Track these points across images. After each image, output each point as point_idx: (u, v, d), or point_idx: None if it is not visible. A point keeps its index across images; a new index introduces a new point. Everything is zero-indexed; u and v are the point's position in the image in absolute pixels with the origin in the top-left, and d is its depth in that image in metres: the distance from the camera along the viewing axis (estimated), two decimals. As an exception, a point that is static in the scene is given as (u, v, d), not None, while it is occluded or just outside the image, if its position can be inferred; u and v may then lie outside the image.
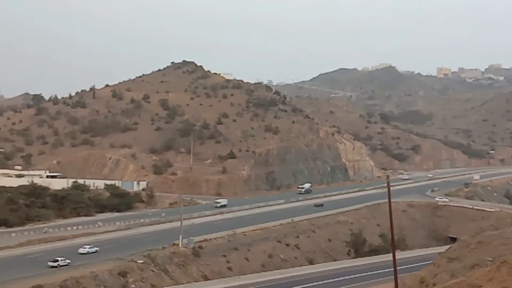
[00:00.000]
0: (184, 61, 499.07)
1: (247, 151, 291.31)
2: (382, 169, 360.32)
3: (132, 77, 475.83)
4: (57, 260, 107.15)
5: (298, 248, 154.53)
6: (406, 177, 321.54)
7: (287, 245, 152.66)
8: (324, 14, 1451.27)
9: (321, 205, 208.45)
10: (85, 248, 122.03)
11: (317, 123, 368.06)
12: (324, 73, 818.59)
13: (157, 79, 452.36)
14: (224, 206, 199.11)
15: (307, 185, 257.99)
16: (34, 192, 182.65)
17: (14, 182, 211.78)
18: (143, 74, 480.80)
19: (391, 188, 57.68)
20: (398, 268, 53.58)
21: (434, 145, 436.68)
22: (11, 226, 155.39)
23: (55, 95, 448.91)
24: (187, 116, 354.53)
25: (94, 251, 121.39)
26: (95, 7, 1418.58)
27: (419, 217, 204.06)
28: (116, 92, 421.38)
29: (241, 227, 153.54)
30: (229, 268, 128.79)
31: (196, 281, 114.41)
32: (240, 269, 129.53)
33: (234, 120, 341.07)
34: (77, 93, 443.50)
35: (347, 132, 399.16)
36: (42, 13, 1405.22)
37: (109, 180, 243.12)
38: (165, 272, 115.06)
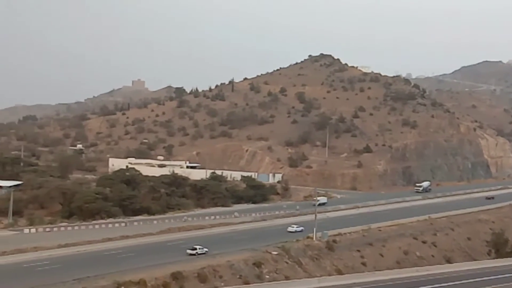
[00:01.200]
0: (321, 54, 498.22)
1: (384, 145, 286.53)
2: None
3: (270, 71, 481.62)
4: (196, 248, 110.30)
5: (435, 245, 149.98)
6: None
7: (424, 242, 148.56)
8: (467, 5, 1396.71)
9: (492, 198, 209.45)
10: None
11: (457, 118, 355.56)
12: (467, 66, 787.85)
13: (294, 72, 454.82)
14: (323, 204, 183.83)
15: (425, 183, 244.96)
16: (175, 181, 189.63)
17: (156, 172, 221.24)
18: (280, 68, 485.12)
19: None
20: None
21: None
22: (153, 214, 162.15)
23: (196, 88, 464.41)
24: (323, 109, 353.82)
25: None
26: (231, 5, 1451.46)
27: None
28: (254, 85, 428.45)
29: (376, 222, 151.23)
30: (363, 264, 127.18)
31: (329, 275, 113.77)
32: (375, 265, 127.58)
33: (371, 114, 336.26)
34: (216, 86, 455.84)
35: (489, 127, 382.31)
36: (181, 10, 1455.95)
37: (246, 171, 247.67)
38: (298, 264, 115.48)
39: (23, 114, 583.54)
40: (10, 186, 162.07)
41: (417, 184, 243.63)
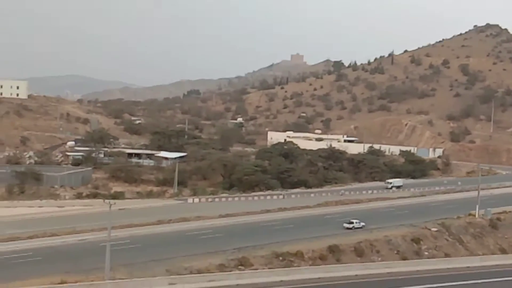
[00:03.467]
0: (487, 24, 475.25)
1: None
2: None
3: (432, 42, 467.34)
4: (352, 222, 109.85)
5: None
6: None
7: None
8: None
9: None
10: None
11: None
12: None
13: (458, 43, 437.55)
14: (398, 187, 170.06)
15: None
16: (332, 155, 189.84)
17: (313, 145, 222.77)
18: (443, 39, 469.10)
19: None
20: None
21: None
22: (310, 187, 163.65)
23: (355, 62, 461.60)
24: (488, 82, 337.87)
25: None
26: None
27: None
28: (414, 57, 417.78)
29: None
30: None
31: (492, 254, 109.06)
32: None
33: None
34: (375, 59, 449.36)
35: None
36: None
37: (404, 146, 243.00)
38: (459, 242, 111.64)
39: (187, 89, 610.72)
40: (175, 158, 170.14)
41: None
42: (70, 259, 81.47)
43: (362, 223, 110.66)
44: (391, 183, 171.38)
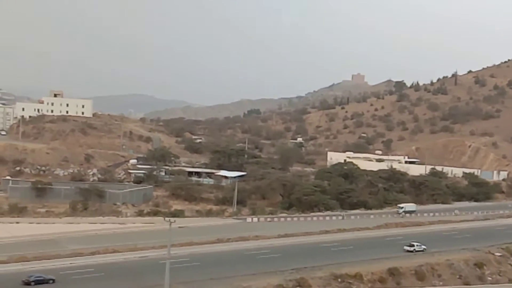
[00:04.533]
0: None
1: None
2: None
3: (497, 62, 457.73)
4: (413, 245, 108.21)
5: None
6: None
7: None
8: None
9: None
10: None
11: None
12: None
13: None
14: (411, 212, 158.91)
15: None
16: (393, 176, 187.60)
17: (374, 166, 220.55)
18: (508, 59, 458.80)
19: None
20: None
21: None
22: (370, 208, 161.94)
23: (417, 82, 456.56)
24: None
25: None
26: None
27: None
28: (478, 78, 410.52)
29: None
30: None
31: None
32: None
33: None
34: (438, 79, 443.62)
35: None
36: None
37: (467, 168, 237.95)
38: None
39: (248, 108, 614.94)
40: (235, 177, 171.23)
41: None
42: (131, 276, 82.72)
43: (423, 246, 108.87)
44: (402, 207, 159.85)
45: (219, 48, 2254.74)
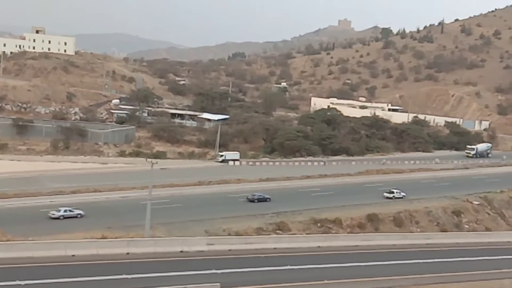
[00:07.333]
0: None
1: None
2: None
3: (484, 12, 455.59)
4: (393, 192, 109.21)
5: None
6: None
7: None
8: None
9: None
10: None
11: None
12: None
13: (511, 14, 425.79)
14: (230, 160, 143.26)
15: (481, 146, 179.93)
16: (376, 124, 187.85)
17: (357, 113, 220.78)
18: (495, 9, 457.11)
19: None
20: None
21: None
22: (351, 155, 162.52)
23: (403, 29, 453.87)
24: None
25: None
26: None
27: None
28: (465, 27, 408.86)
29: None
30: None
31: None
32: None
33: None
34: (425, 27, 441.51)
35: None
36: None
37: (450, 117, 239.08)
38: (501, 216, 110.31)
39: (232, 51, 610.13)
40: (218, 120, 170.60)
41: (469, 147, 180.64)
42: (112, 215, 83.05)
43: (403, 193, 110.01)
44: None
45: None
